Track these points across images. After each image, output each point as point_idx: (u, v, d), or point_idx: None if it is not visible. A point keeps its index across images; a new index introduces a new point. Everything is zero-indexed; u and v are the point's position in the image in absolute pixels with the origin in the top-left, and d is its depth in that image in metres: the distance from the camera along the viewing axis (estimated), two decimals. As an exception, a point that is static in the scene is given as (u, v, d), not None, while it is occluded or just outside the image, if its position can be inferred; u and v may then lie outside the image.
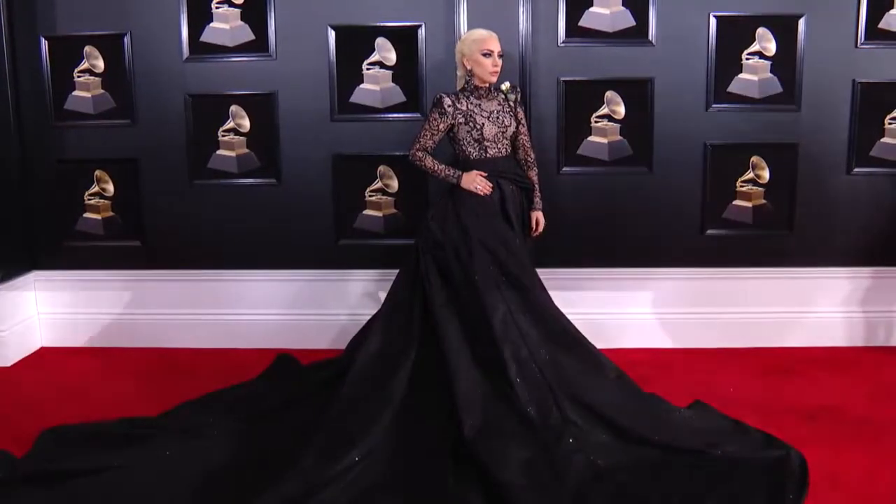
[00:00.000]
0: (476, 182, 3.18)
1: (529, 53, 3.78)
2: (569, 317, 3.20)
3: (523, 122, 3.38)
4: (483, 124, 3.20)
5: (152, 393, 3.52)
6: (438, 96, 3.21)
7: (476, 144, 3.22)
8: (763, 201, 3.91)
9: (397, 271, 3.31)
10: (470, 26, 3.71)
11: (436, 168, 3.22)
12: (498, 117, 3.24)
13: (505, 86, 3.30)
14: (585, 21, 3.81)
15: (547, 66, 3.83)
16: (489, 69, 3.20)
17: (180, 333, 4.08)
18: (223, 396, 3.37)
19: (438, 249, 3.14)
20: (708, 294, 3.99)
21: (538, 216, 3.36)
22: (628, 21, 3.80)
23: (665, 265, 3.98)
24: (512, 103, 3.32)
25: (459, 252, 3.10)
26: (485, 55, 3.19)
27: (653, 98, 3.84)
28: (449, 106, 3.18)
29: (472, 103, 3.22)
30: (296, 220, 3.99)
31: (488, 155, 3.24)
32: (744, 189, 3.90)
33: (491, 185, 3.19)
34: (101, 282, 4.10)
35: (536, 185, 3.37)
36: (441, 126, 3.20)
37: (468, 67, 3.22)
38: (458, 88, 3.27)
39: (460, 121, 3.21)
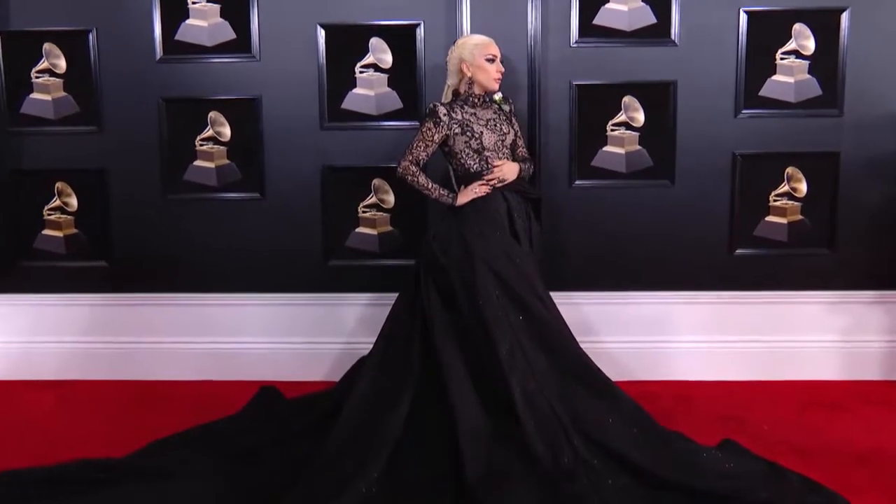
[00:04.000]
0: (474, 189, 3.19)
1: (539, 55, 3.76)
2: (582, 345, 3.16)
3: (519, 132, 3.41)
4: (481, 132, 3.21)
5: (119, 431, 3.46)
6: (432, 105, 3.23)
7: (475, 155, 3.22)
8: (800, 217, 3.88)
9: (395, 296, 3.29)
10: (474, 24, 3.73)
11: (429, 186, 3.22)
12: (496, 125, 3.27)
13: (497, 96, 3.31)
14: (601, 19, 3.80)
15: (558, 68, 3.82)
16: (493, 75, 3.23)
17: (152, 364, 4.03)
18: (199, 434, 3.32)
19: (440, 272, 3.13)
20: (737, 321, 3.94)
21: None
22: (648, 18, 3.78)
23: (689, 288, 3.93)
24: (507, 114, 3.34)
25: (463, 275, 3.09)
26: (489, 60, 3.22)
27: (675, 103, 3.82)
28: (444, 115, 3.19)
29: (466, 112, 3.24)
30: (281, 238, 3.96)
31: (490, 165, 3.24)
32: (778, 204, 3.87)
33: (488, 186, 3.19)
34: (62, 307, 4.06)
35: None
36: (436, 137, 3.21)
37: (468, 74, 3.23)
38: (447, 100, 3.28)
39: (456, 131, 3.21)
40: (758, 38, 3.80)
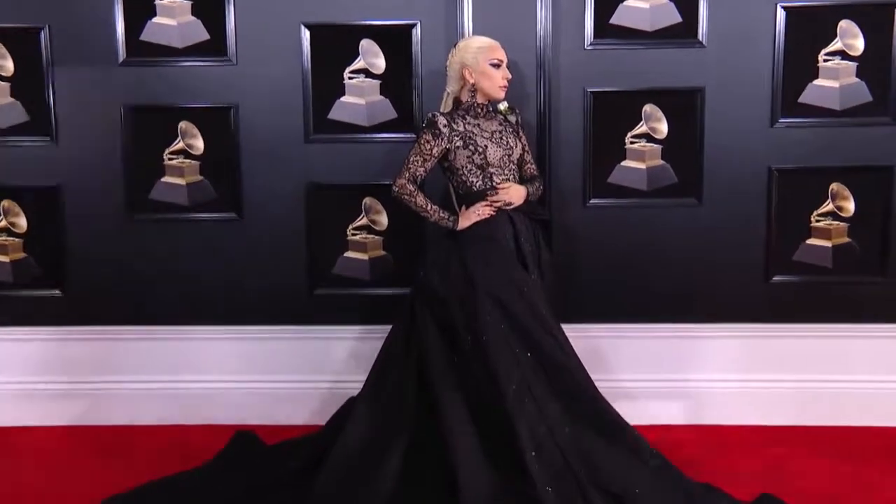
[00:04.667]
0: (477, 211, 3.09)
1: (549, 58, 3.65)
2: (598, 385, 3.06)
3: (527, 147, 3.33)
4: (486, 146, 3.10)
5: (73, 485, 3.32)
6: (431, 115, 3.13)
7: (479, 172, 3.11)
8: (846, 240, 3.78)
9: (388, 329, 3.21)
10: (476, 24, 3.64)
11: (428, 207, 3.11)
12: (501, 138, 3.17)
13: (502, 106, 3.27)
14: (619, 17, 3.69)
15: (571, 73, 3.70)
16: (499, 82, 3.13)
17: (112, 407, 3.93)
18: (165, 488, 3.19)
19: (439, 304, 3.02)
20: (775, 357, 3.82)
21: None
22: (673, 16, 3.67)
23: (720, 320, 3.81)
24: (514, 125, 3.27)
25: (465, 308, 2.97)
26: (494, 65, 3.11)
27: (703, 112, 3.71)
28: (444, 126, 3.09)
29: (469, 123, 3.14)
30: (261, 264, 3.85)
31: (495, 183, 3.12)
32: (821, 225, 3.76)
33: (492, 208, 3.09)
34: (9, 342, 3.96)
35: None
36: (435, 150, 3.09)
37: (471, 81, 3.12)
38: (446, 109, 3.19)
39: (458, 144, 3.10)
40: (797, 38, 3.67)
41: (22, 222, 3.87)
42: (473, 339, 2.94)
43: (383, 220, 3.82)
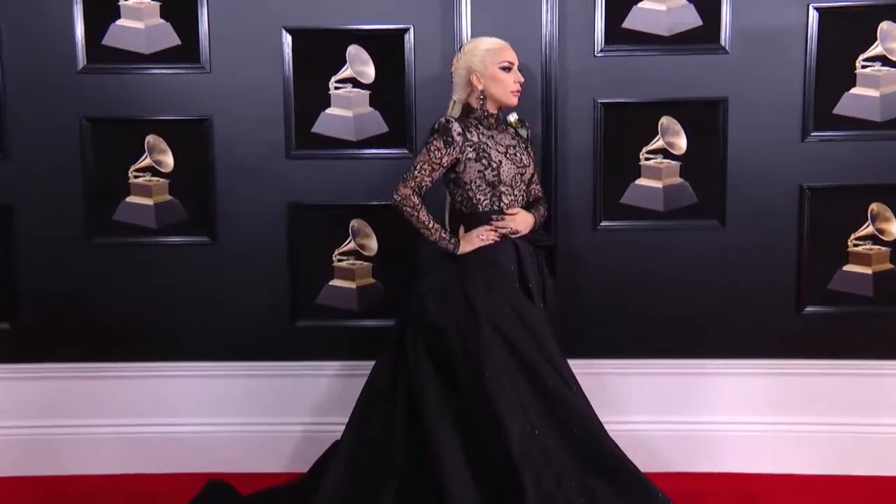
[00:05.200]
0: (480, 236, 2.94)
1: (555, 66, 3.51)
2: (609, 428, 2.92)
3: (535, 167, 3.24)
4: (500, 162, 2.94)
5: None
6: (445, 120, 2.95)
7: (489, 190, 2.95)
8: (888, 266, 3.65)
9: (373, 364, 3.10)
10: (474, 29, 3.48)
11: (430, 225, 2.94)
12: (515, 154, 3.02)
13: (512, 118, 3.12)
14: (632, 21, 3.55)
15: (579, 83, 3.57)
16: (510, 87, 2.97)
17: (69, 454, 3.77)
18: None
19: (435, 335, 2.88)
20: (808, 398, 3.69)
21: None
22: (692, 19, 3.52)
23: (746, 356, 3.67)
24: (525, 140, 3.14)
25: (465, 340, 2.84)
26: (504, 69, 2.96)
27: (726, 125, 3.55)
28: (458, 134, 2.92)
29: (483, 134, 2.98)
30: (237, 293, 3.71)
31: (503, 204, 2.97)
32: (860, 249, 3.62)
33: (497, 234, 2.96)
34: None
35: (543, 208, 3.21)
36: (445, 160, 2.92)
37: (479, 87, 2.97)
38: (454, 115, 3.05)
39: (470, 155, 2.93)
40: (832, 42, 3.52)
41: (-32, 248, 3.73)
42: (473, 374, 2.82)
43: (373, 244, 3.70)
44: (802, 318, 3.66)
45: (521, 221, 2.98)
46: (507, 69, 2.95)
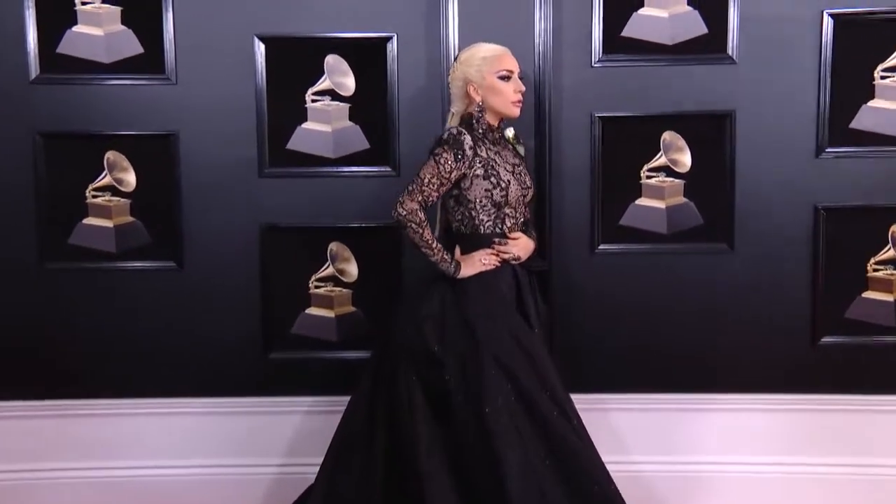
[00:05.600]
0: (482, 260, 2.82)
1: (549, 77, 3.39)
2: (611, 469, 2.83)
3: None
4: (509, 182, 2.82)
5: None
6: (456, 132, 2.78)
7: (493, 211, 2.83)
8: None
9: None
10: (462, 37, 3.34)
11: (434, 245, 2.78)
12: (520, 174, 2.91)
13: (510, 132, 3.00)
14: (633, 29, 3.43)
15: (576, 95, 3.46)
16: (511, 97, 2.83)
17: (26, 499, 3.62)
18: None
19: (431, 365, 2.75)
20: (825, 436, 3.57)
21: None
22: (697, 27, 3.41)
23: (757, 390, 3.56)
24: (523, 158, 3.03)
25: (466, 372, 2.73)
26: (503, 78, 2.82)
27: (734, 140, 3.42)
28: (470, 148, 2.78)
29: (490, 150, 2.85)
30: (205, 323, 3.58)
31: (506, 227, 2.86)
32: (880, 274, 3.52)
33: (498, 259, 2.86)
34: None
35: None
36: (454, 175, 2.78)
37: (478, 99, 2.83)
38: (456, 129, 2.87)
39: (478, 172, 2.79)
40: (849, 51, 3.40)
41: None
42: (472, 409, 2.71)
43: (353, 269, 3.58)
44: (818, 349, 3.56)
45: (523, 247, 2.89)
46: (507, 78, 2.82)
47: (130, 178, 3.54)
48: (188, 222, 3.53)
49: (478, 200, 2.83)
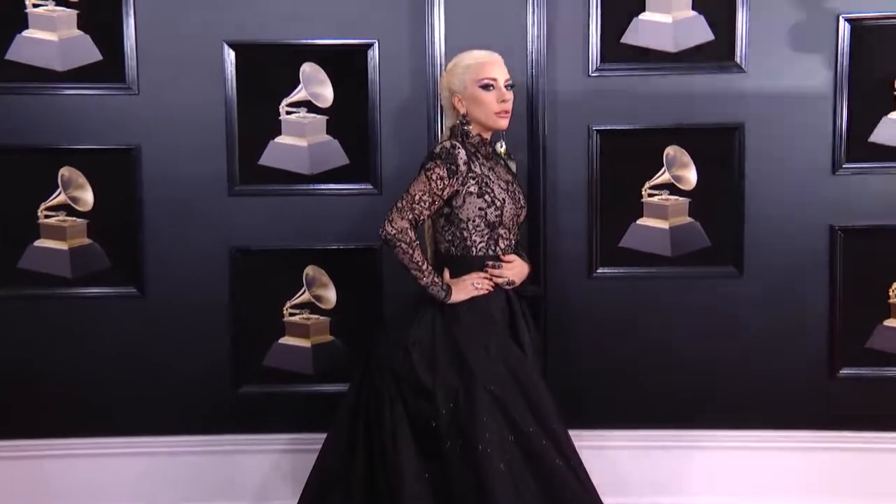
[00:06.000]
0: (475, 284, 2.70)
1: (543, 87, 3.28)
2: None
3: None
4: (504, 200, 2.71)
5: None
6: (449, 145, 2.66)
7: (487, 231, 2.71)
8: None
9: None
10: (450, 45, 3.23)
11: (423, 267, 2.65)
12: (514, 192, 2.79)
13: (501, 147, 2.87)
14: (633, 35, 3.32)
15: (571, 107, 3.34)
16: (493, 108, 2.68)
17: None
18: None
19: (421, 397, 2.63)
20: (843, 476, 3.43)
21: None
22: (703, 33, 3.29)
23: (770, 427, 3.44)
24: (516, 175, 2.96)
25: (457, 406, 2.61)
26: (485, 87, 2.68)
27: (743, 156, 3.31)
28: (464, 163, 2.65)
29: (483, 165, 2.73)
30: (169, 354, 3.43)
31: (499, 249, 2.74)
32: None
33: (492, 283, 2.73)
34: None
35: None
36: (447, 192, 2.65)
37: (462, 110, 2.72)
38: (450, 143, 2.77)
39: (472, 189, 2.67)
40: (867, 59, 3.30)
41: None
42: (463, 445, 2.60)
43: (330, 295, 3.45)
44: (836, 382, 3.43)
45: (518, 271, 2.77)
46: (489, 87, 2.68)
47: (87, 197, 3.41)
48: (151, 245, 3.40)
49: (470, 220, 2.72)
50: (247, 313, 3.46)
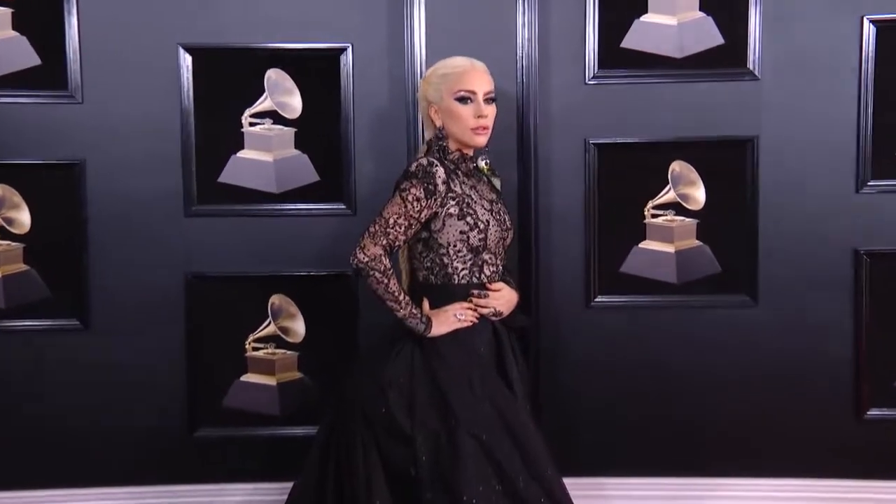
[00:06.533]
0: (458, 316, 2.53)
1: (534, 97, 3.11)
2: None
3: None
4: (488, 222, 2.53)
5: None
6: (427, 162, 2.50)
7: (470, 257, 2.54)
8: None
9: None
10: (431, 48, 3.06)
11: (400, 298, 2.49)
12: (499, 213, 2.61)
13: (483, 162, 2.71)
14: (634, 38, 3.15)
15: (566, 118, 3.17)
16: (469, 123, 2.50)
17: None
18: None
19: (399, 442, 2.49)
20: None
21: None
22: (711, 36, 3.13)
23: (788, 474, 3.25)
24: (501, 193, 2.78)
25: (439, 453, 2.48)
26: (461, 100, 2.49)
27: (757, 172, 3.12)
28: (443, 182, 2.47)
29: (465, 184, 2.56)
30: (116, 394, 3.21)
31: (484, 276, 2.56)
32: None
33: (476, 314, 2.57)
34: None
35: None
36: (424, 214, 2.47)
37: (438, 123, 2.56)
38: (426, 160, 2.61)
39: (451, 211, 2.49)
40: (895, 64, 3.17)
41: None
42: (445, 496, 2.46)
43: (299, 327, 3.27)
44: (863, 424, 3.23)
45: (506, 301, 2.59)
46: (466, 100, 2.50)
47: (24, 218, 3.24)
48: (96, 271, 3.21)
49: (451, 245, 2.55)
50: (205, 348, 3.29)
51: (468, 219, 2.54)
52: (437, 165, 2.51)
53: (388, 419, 2.53)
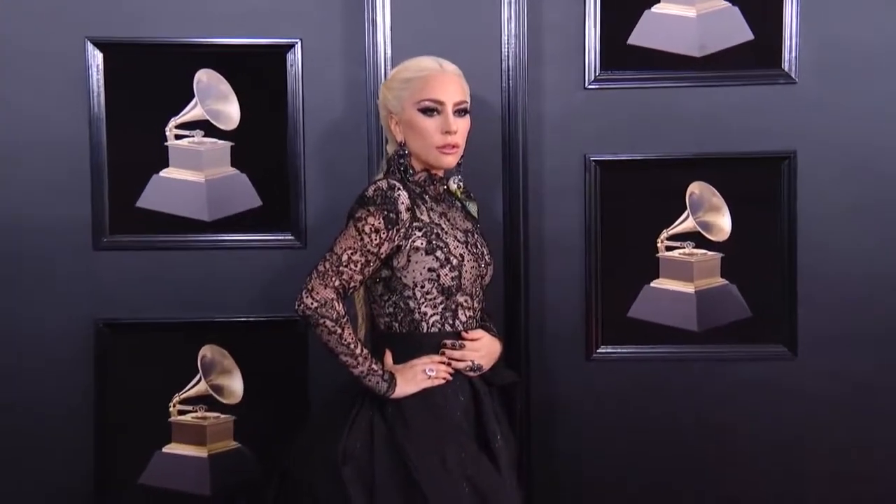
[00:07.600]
0: (428, 373, 2.25)
1: (523, 104, 2.78)
2: None
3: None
4: (462, 256, 2.26)
5: None
6: (386, 184, 2.22)
7: (442, 300, 2.28)
8: None
9: None
10: (397, 46, 2.72)
11: (357, 350, 2.19)
12: (476, 244, 2.33)
13: (454, 185, 2.40)
14: (644, 34, 2.82)
15: (561, 130, 2.84)
16: (434, 140, 2.22)
17: None
18: None
19: None
20: None
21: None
22: (739, 31, 2.80)
23: None
24: (477, 221, 2.51)
25: None
26: (425, 111, 2.21)
27: (794, 194, 2.79)
28: (406, 209, 2.20)
29: (433, 211, 2.29)
30: (8, 468, 2.83)
31: (459, 323, 2.29)
32: None
33: (450, 369, 2.28)
34: None
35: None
36: (384, 248, 2.19)
37: (399, 138, 2.28)
38: (386, 182, 2.32)
39: (417, 244, 2.22)
40: None
41: None
42: None
43: (235, 385, 2.89)
44: None
45: (486, 351, 2.28)
46: (431, 111, 2.21)
47: None
48: None
49: (418, 285, 2.27)
50: (118, 411, 2.92)
51: (438, 253, 2.28)
52: (399, 189, 2.23)
53: (342, 494, 2.25)
